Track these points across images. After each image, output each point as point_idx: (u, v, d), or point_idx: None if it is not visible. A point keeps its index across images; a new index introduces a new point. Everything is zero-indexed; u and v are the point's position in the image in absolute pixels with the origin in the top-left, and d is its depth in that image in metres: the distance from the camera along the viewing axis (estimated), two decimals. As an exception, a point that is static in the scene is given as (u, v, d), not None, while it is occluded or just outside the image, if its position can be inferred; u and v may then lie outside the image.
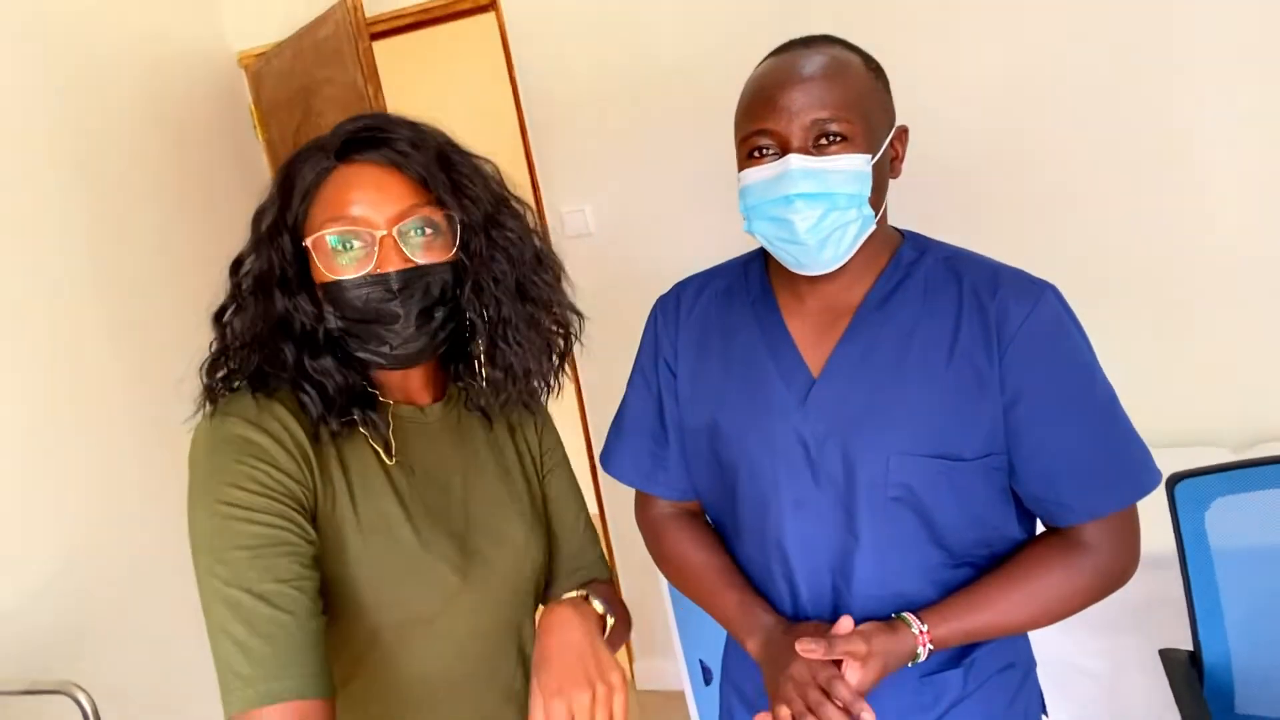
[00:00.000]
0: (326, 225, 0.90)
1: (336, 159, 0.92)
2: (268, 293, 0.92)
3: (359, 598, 0.90)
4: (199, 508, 0.84)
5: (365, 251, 0.90)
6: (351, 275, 0.90)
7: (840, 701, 0.93)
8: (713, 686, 2.32)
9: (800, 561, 1.05)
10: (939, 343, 1.00)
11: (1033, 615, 1.02)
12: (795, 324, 1.08)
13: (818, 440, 1.02)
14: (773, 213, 0.99)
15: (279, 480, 0.85)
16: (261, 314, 0.91)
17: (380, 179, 0.91)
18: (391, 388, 1.00)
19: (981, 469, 1.00)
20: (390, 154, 0.92)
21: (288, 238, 0.92)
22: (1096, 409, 1.01)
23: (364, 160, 0.92)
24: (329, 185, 0.92)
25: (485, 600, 0.99)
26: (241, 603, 0.80)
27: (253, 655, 0.78)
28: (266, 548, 0.82)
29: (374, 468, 0.95)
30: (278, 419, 0.88)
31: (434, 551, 0.94)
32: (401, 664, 0.94)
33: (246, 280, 0.94)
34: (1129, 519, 1.03)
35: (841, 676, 0.95)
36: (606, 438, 1.24)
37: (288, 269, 0.92)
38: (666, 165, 2.51)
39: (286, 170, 0.94)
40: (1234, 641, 1.51)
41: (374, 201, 0.90)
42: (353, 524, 0.91)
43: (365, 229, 0.90)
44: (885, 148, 1.01)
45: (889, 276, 1.05)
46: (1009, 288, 1.00)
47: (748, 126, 1.00)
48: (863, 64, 1.01)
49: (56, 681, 1.59)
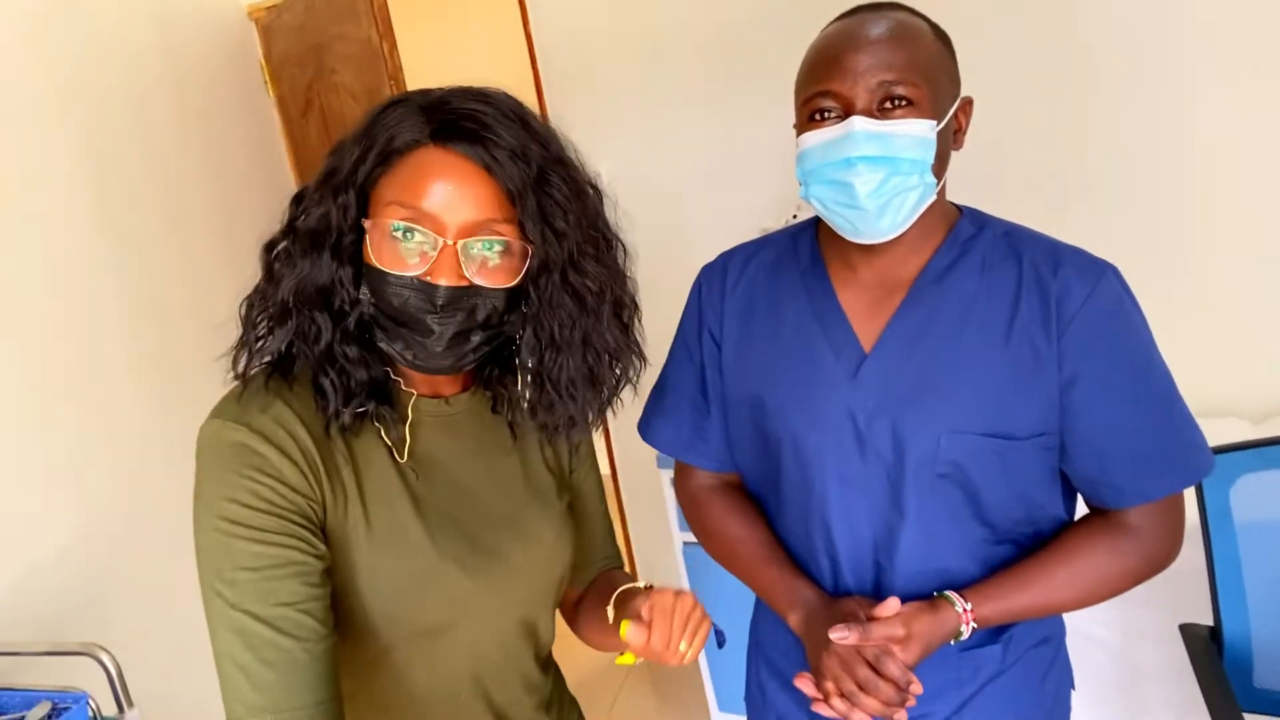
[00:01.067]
0: (394, 208, 0.82)
1: (430, 137, 0.83)
2: (318, 249, 0.84)
3: (370, 606, 0.87)
4: (204, 523, 0.81)
5: (423, 251, 0.82)
6: (401, 272, 0.83)
7: (890, 678, 0.93)
8: (726, 650, 2.35)
9: (843, 536, 1.05)
10: (997, 319, 0.99)
11: (1076, 596, 1.01)
12: (847, 296, 1.06)
13: (867, 416, 1.01)
14: (832, 175, 0.97)
15: (285, 495, 0.81)
16: (308, 273, 0.84)
17: (467, 178, 0.82)
18: (416, 378, 0.94)
19: (1033, 448, 0.99)
20: (485, 155, 0.82)
21: (353, 194, 0.84)
22: (1154, 392, 1.00)
23: (457, 150, 0.82)
24: (412, 162, 0.83)
25: (503, 600, 0.94)
26: (247, 628, 0.77)
27: (258, 683, 0.76)
28: (272, 569, 0.79)
29: (386, 466, 0.90)
30: (284, 425, 0.83)
31: (447, 555, 0.90)
32: (415, 669, 0.91)
33: (304, 221, 0.86)
34: (1176, 503, 1.03)
35: (891, 651, 0.95)
36: (645, 407, 1.22)
37: (344, 232, 0.84)
38: (684, 127, 2.47)
39: (378, 119, 0.84)
40: (1255, 616, 1.51)
41: (452, 202, 0.82)
42: (364, 531, 0.86)
43: (432, 229, 0.82)
44: (950, 117, 0.98)
45: (947, 251, 1.03)
46: (1070, 266, 0.99)
47: (811, 88, 0.98)
48: (931, 31, 0.99)
49: (80, 643, 1.60)
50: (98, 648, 1.57)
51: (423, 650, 0.90)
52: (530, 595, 0.98)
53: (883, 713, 0.94)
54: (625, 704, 2.77)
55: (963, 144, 1.03)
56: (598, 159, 2.92)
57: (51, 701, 1.55)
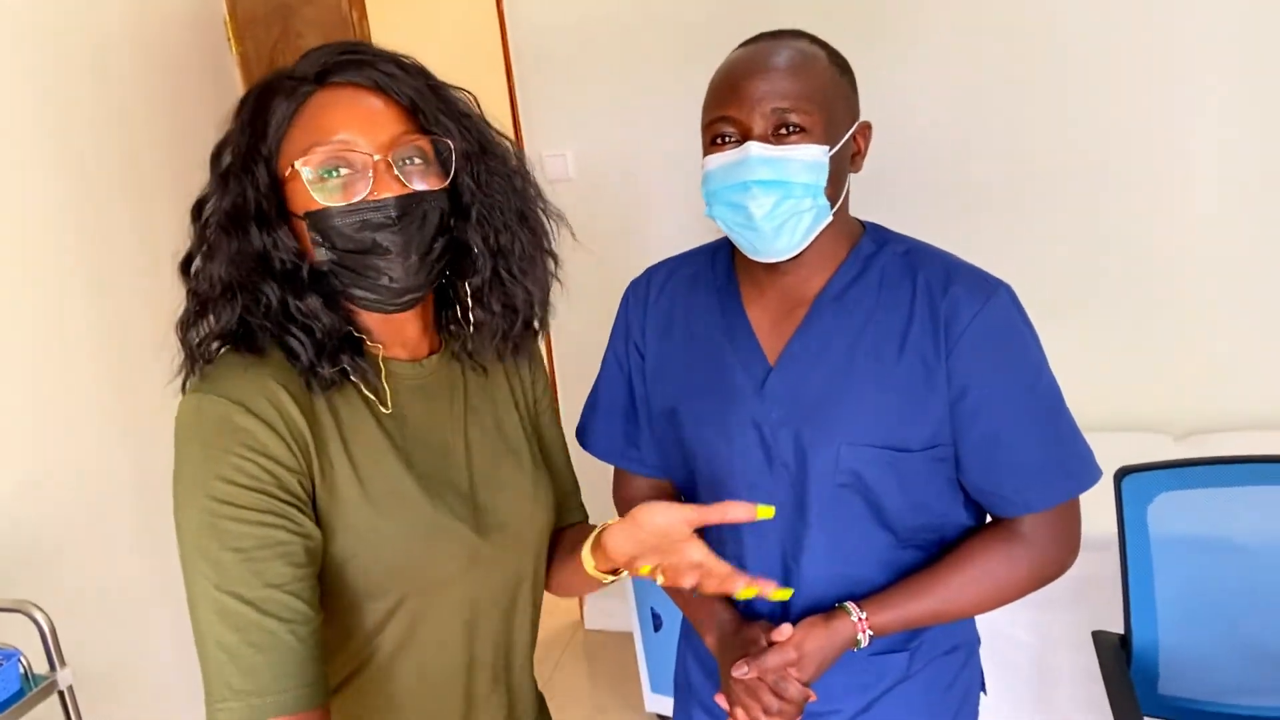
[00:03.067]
0: (310, 151, 0.83)
1: (315, 82, 0.85)
2: (242, 228, 0.84)
3: (374, 570, 0.86)
4: (187, 502, 0.79)
5: (354, 179, 0.83)
6: (342, 203, 0.83)
7: (790, 699, 1.00)
8: (661, 633, 2.40)
9: (752, 541, 1.10)
10: (891, 336, 1.03)
11: (971, 602, 1.06)
12: (755, 313, 1.10)
13: (772, 427, 1.06)
14: (731, 198, 1.01)
15: (271, 471, 0.79)
16: (236, 254, 0.84)
17: (367, 103, 0.85)
18: (382, 338, 0.92)
19: (927, 459, 1.04)
20: (377, 76, 0.85)
21: (263, 169, 0.84)
22: (1040, 407, 1.04)
23: (347, 83, 0.85)
24: (309, 110, 0.85)
25: (501, 556, 0.95)
26: (232, 609, 0.76)
27: (244, 665, 0.75)
28: (258, 549, 0.77)
29: (373, 429, 0.89)
30: (267, 394, 0.82)
31: (446, 511, 0.90)
32: (421, 634, 0.91)
33: (214, 219, 0.85)
34: (1068, 513, 1.07)
35: (788, 675, 1.01)
36: (582, 414, 1.26)
37: (263, 201, 0.84)
38: (652, 114, 2.49)
39: (257, 100, 0.86)
40: (1163, 627, 1.59)
41: (363, 127, 0.83)
42: (358, 493, 0.86)
43: (356, 154, 0.83)
44: (846, 141, 1.03)
45: (847, 269, 1.08)
46: (961, 284, 1.03)
47: (712, 113, 1.03)
48: (828, 59, 1.03)
49: (13, 600, 1.59)
50: (31, 605, 1.56)
51: (429, 609, 0.90)
52: (522, 547, 0.98)
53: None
54: (561, 679, 2.81)
55: (860, 167, 1.08)
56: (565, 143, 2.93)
57: (-18, 657, 1.55)
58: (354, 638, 0.88)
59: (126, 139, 2.28)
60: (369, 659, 0.89)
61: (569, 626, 3.06)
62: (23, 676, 1.54)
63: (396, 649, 0.90)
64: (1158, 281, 2.24)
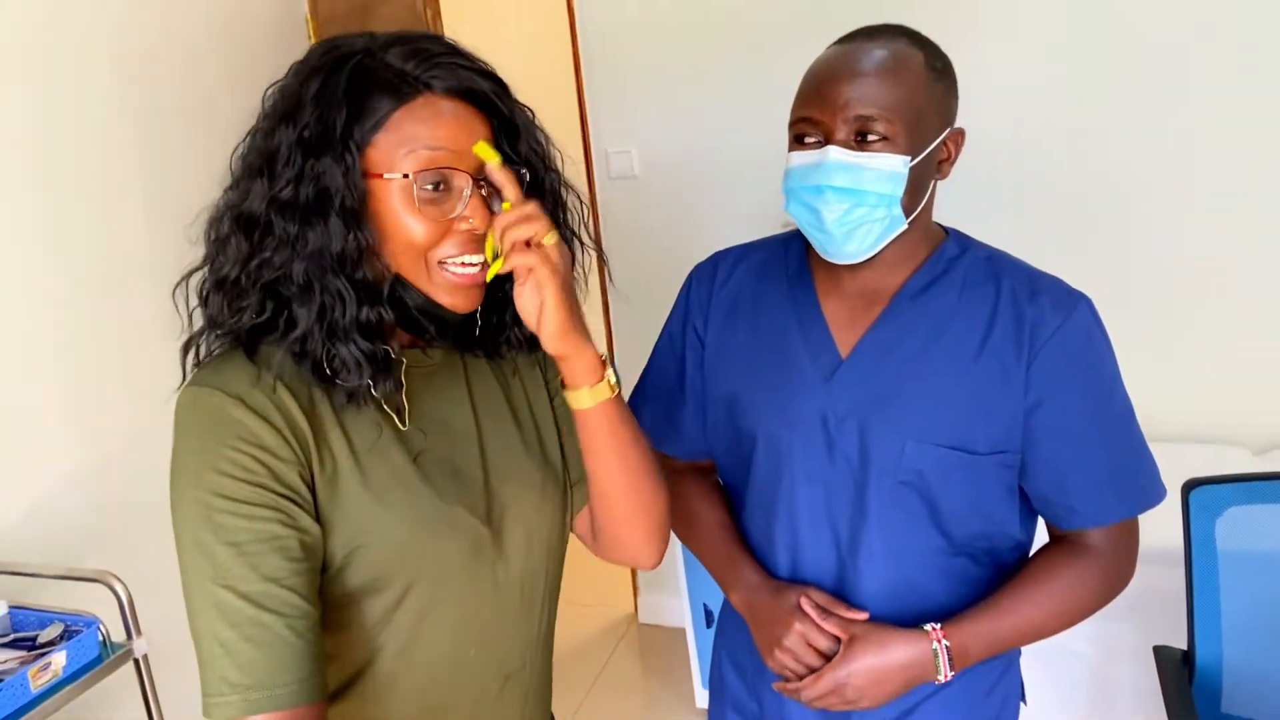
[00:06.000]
0: (411, 158, 0.79)
1: (422, 84, 0.80)
2: (323, 216, 0.78)
3: (379, 560, 0.84)
4: (183, 494, 0.78)
5: (449, 198, 0.81)
6: (434, 224, 0.81)
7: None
8: (714, 629, 2.40)
9: (808, 533, 1.10)
10: (970, 337, 1.03)
11: (1050, 620, 1.06)
12: (829, 305, 1.10)
13: (838, 419, 1.06)
14: (806, 199, 1.02)
15: (266, 464, 0.78)
16: (321, 243, 0.78)
17: (469, 121, 0.82)
18: (397, 333, 0.89)
19: (993, 464, 1.04)
20: (477, 88, 0.82)
21: (350, 154, 0.78)
22: (1114, 422, 1.05)
23: (449, 93, 0.81)
24: (414, 112, 0.80)
25: (511, 546, 0.92)
26: (228, 604, 0.75)
27: (240, 660, 0.74)
28: (255, 543, 0.76)
29: (374, 419, 0.86)
30: (263, 387, 0.80)
31: (453, 499, 0.87)
32: (428, 629, 0.88)
33: (286, 191, 0.79)
34: (1132, 528, 1.09)
35: (831, 635, 1.04)
36: (631, 393, 1.26)
37: (347, 193, 0.78)
38: (719, 114, 2.49)
39: (351, 79, 0.80)
40: (1228, 644, 1.55)
41: (464, 145, 0.81)
42: (361, 486, 0.83)
43: (458, 173, 0.81)
44: (932, 149, 1.02)
45: (929, 269, 1.07)
46: (1047, 295, 1.03)
47: (797, 112, 1.03)
48: (924, 62, 1.01)
49: (94, 570, 1.65)
50: (111, 575, 1.62)
51: (438, 602, 0.88)
52: (530, 538, 0.94)
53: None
54: (613, 673, 2.84)
55: (948, 173, 1.07)
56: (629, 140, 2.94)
57: (64, 624, 1.62)
58: (359, 635, 0.86)
59: (213, 137, 2.37)
60: (375, 656, 0.87)
61: (622, 620, 3.08)
62: (101, 644, 1.62)
63: (404, 645, 0.88)
64: (1241, 291, 2.18)
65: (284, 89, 0.83)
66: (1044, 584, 1.06)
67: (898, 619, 1.06)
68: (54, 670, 1.53)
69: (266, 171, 0.80)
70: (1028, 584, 1.06)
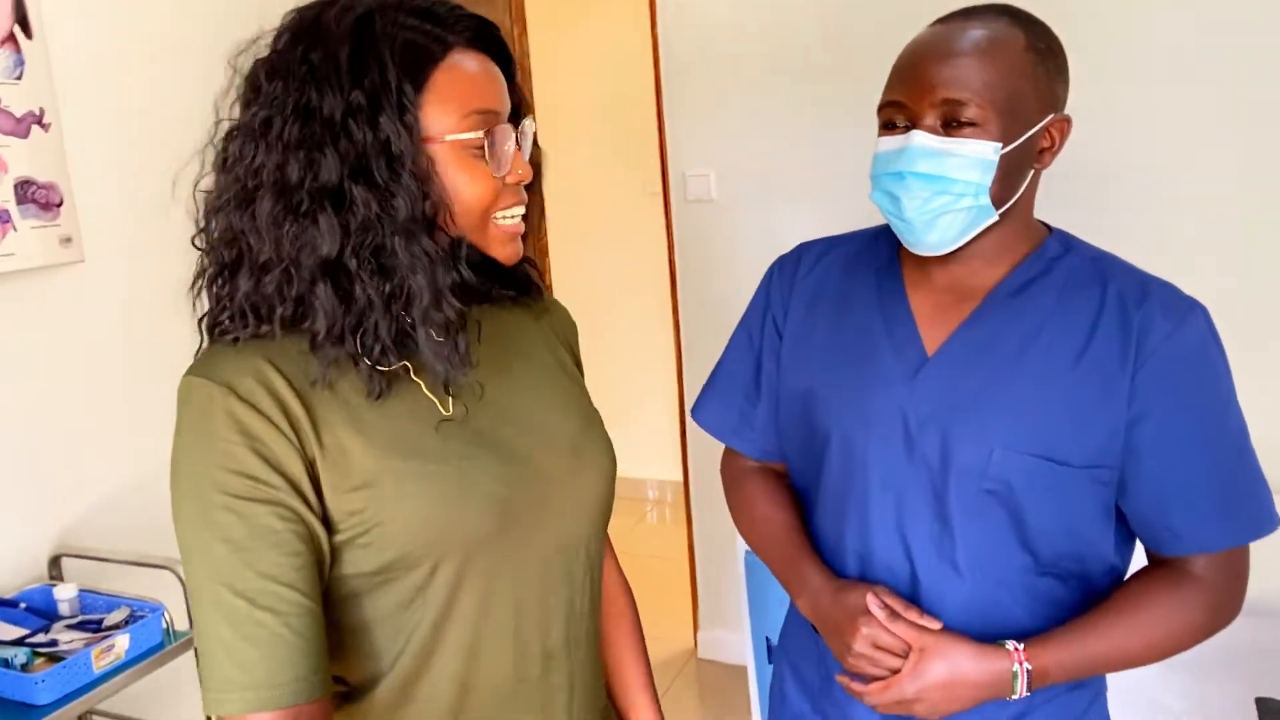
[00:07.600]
0: (470, 116, 0.79)
1: (458, 41, 0.80)
2: (396, 176, 0.76)
3: (402, 537, 0.80)
4: (180, 492, 0.77)
5: (499, 156, 0.82)
6: (492, 181, 0.81)
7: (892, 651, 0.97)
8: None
9: (880, 539, 1.03)
10: (1069, 342, 0.97)
11: (1144, 649, 0.98)
12: (917, 299, 1.05)
13: (920, 419, 1.00)
14: (888, 186, 0.98)
15: (260, 454, 0.75)
16: (408, 207, 0.76)
17: (494, 71, 0.83)
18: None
19: (1087, 479, 0.97)
20: (499, 48, 0.84)
21: (413, 119, 0.77)
22: (1226, 441, 0.97)
23: (478, 50, 0.82)
24: (456, 68, 0.79)
25: (545, 514, 0.88)
26: (226, 602, 0.74)
27: (239, 659, 0.74)
28: (249, 539, 0.75)
29: (399, 394, 0.83)
30: (255, 374, 0.77)
31: (475, 465, 0.83)
32: (461, 608, 0.84)
33: (351, 150, 0.75)
34: (1241, 557, 1.00)
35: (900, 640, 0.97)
36: (702, 387, 1.24)
37: (419, 158, 0.77)
38: (799, 139, 2.47)
39: (384, 38, 0.76)
40: (1339, 702, 1.43)
41: (500, 98, 0.82)
42: (375, 463, 0.79)
43: (503, 128, 0.82)
44: (1029, 137, 0.96)
45: (1028, 267, 1.01)
46: (1158, 300, 0.96)
47: (886, 96, 0.99)
48: (1026, 44, 0.95)
49: (162, 558, 1.69)
50: (177, 563, 1.64)
51: (463, 577, 0.83)
52: (565, 506, 0.90)
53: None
54: (671, 708, 2.75)
55: (1048, 163, 1.00)
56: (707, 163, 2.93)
57: (130, 608, 1.65)
58: (391, 618, 0.83)
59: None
60: (409, 638, 0.84)
61: (681, 655, 3.01)
62: (165, 630, 1.64)
63: (436, 623, 0.83)
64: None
65: (308, 56, 0.77)
66: (1143, 610, 0.98)
67: (973, 637, 0.98)
68: (117, 653, 1.55)
69: (330, 141, 0.75)
70: (1124, 608, 0.98)
